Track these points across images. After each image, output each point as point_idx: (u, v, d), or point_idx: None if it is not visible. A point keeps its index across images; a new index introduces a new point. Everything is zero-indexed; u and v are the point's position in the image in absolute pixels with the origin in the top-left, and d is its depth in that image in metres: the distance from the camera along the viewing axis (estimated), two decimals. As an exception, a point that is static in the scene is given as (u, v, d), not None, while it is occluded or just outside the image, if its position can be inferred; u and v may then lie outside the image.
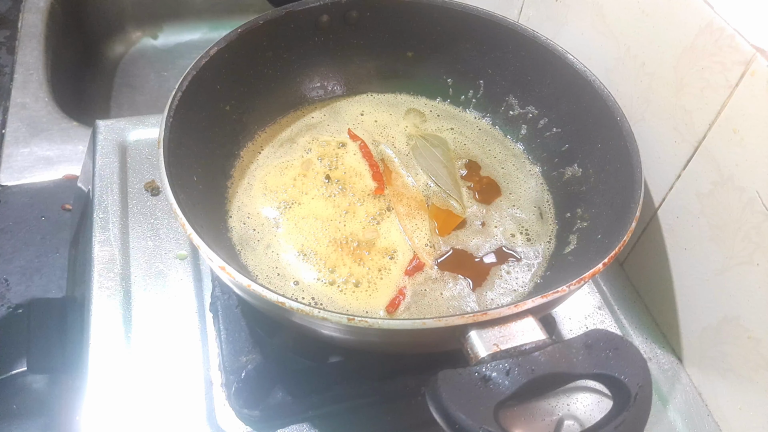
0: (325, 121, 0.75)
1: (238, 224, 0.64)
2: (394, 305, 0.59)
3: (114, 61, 1.43)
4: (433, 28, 0.74)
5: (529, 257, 0.64)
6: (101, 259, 0.67)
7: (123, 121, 0.82)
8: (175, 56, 1.46)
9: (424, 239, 0.64)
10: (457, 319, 0.42)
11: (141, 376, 0.59)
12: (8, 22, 1.27)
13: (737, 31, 0.52)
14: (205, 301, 0.65)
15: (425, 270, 0.62)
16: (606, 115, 0.62)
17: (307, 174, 0.69)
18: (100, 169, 0.76)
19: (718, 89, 0.54)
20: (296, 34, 0.71)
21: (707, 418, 0.61)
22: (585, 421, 0.59)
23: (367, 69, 0.77)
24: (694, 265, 0.61)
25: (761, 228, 0.52)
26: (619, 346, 0.42)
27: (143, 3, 1.45)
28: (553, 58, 0.68)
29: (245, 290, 0.45)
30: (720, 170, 0.56)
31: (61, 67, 1.23)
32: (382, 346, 0.50)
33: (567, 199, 0.67)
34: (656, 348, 0.66)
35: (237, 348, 0.58)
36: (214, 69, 0.63)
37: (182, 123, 0.57)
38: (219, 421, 0.56)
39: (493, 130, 0.76)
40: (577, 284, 0.47)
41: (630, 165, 0.58)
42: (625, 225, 0.52)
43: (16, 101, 1.08)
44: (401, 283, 0.60)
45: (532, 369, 0.40)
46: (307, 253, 0.62)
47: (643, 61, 0.63)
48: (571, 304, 0.69)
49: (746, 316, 0.56)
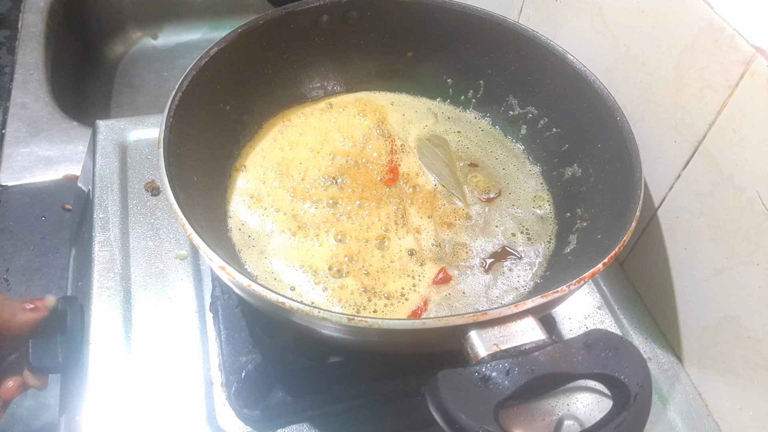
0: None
1: (237, 225, 0.64)
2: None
3: (114, 61, 1.43)
4: (433, 28, 0.74)
5: (530, 256, 0.64)
6: (101, 259, 0.67)
7: (123, 121, 0.82)
8: (175, 56, 1.46)
9: (431, 239, 0.64)
10: (457, 319, 0.43)
11: (141, 376, 0.59)
12: (8, 22, 1.27)
13: (737, 31, 0.52)
14: (205, 301, 0.65)
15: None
16: (606, 115, 0.62)
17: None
18: (100, 169, 0.76)
19: (718, 89, 0.54)
20: (296, 34, 0.71)
21: (707, 418, 0.61)
22: (585, 421, 0.59)
23: (367, 69, 0.77)
24: (694, 265, 0.61)
25: (761, 228, 0.52)
26: (619, 346, 0.42)
27: (143, 3, 1.45)
28: (553, 58, 0.68)
29: (245, 290, 0.45)
30: (720, 170, 0.56)
31: (61, 67, 1.23)
32: (382, 346, 0.50)
33: (567, 199, 0.67)
34: (656, 348, 0.66)
35: (237, 348, 0.58)
36: (214, 69, 0.63)
37: (182, 123, 0.57)
38: (219, 421, 0.56)
39: (493, 131, 0.76)
40: (577, 284, 0.47)
41: (630, 165, 0.58)
42: (625, 225, 0.52)
43: (16, 101, 1.08)
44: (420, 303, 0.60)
45: (532, 369, 0.40)
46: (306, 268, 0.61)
47: (643, 61, 0.63)
48: (571, 304, 0.69)
49: (746, 316, 0.56)
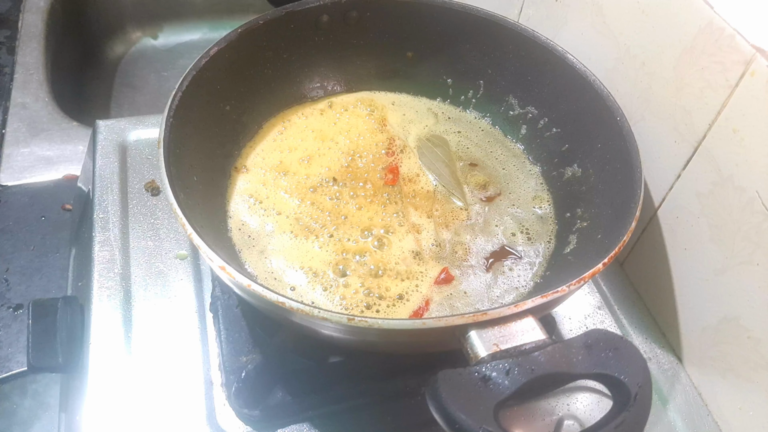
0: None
1: (237, 225, 0.64)
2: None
3: (114, 61, 1.43)
4: (433, 28, 0.74)
5: (530, 256, 0.64)
6: (101, 259, 0.67)
7: (123, 121, 0.82)
8: (175, 56, 1.46)
9: (431, 239, 0.64)
10: (457, 319, 0.43)
11: (141, 376, 0.59)
12: (8, 22, 1.27)
13: (737, 31, 0.52)
14: (205, 301, 0.65)
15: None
16: (606, 115, 0.62)
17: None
18: (100, 169, 0.76)
19: (718, 89, 0.54)
20: (296, 34, 0.71)
21: (707, 418, 0.61)
22: (585, 421, 0.59)
23: (367, 69, 0.77)
24: (694, 265, 0.61)
25: (761, 228, 0.52)
26: (619, 346, 0.42)
27: (143, 3, 1.45)
28: (553, 58, 0.68)
29: (245, 290, 0.45)
30: (720, 170, 0.56)
31: (61, 67, 1.23)
32: (382, 346, 0.50)
33: (567, 199, 0.67)
34: (656, 348, 0.66)
35: (237, 348, 0.58)
36: (214, 69, 0.63)
37: (182, 123, 0.57)
38: (219, 421, 0.56)
39: (493, 131, 0.76)
40: (577, 284, 0.47)
41: (630, 165, 0.58)
42: (625, 225, 0.52)
43: (16, 101, 1.08)
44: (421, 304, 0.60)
45: (532, 369, 0.40)
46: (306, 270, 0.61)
47: (643, 61, 0.63)
48: (571, 304, 0.69)
49: (746, 316, 0.56)
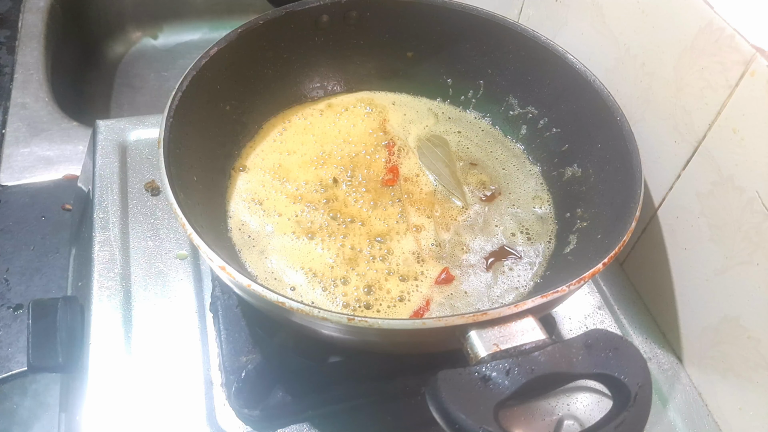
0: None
1: (237, 225, 0.64)
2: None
3: (114, 61, 1.43)
4: (433, 28, 0.73)
5: (530, 256, 0.64)
6: (101, 259, 0.67)
7: (123, 121, 0.82)
8: (175, 56, 1.46)
9: (431, 239, 0.64)
10: (457, 319, 0.43)
11: (141, 376, 0.59)
12: (8, 22, 1.27)
13: (737, 31, 0.52)
14: (205, 301, 0.65)
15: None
16: (606, 115, 0.62)
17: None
18: (100, 169, 0.76)
19: (718, 89, 0.54)
20: (296, 34, 0.71)
21: (707, 418, 0.61)
22: (585, 421, 0.59)
23: (367, 69, 0.77)
24: (694, 265, 0.61)
25: (761, 228, 0.52)
26: (619, 346, 0.42)
27: (143, 3, 1.45)
28: (553, 58, 0.68)
29: (245, 290, 0.45)
30: (720, 170, 0.56)
31: (61, 67, 1.23)
32: (382, 346, 0.50)
33: (567, 199, 0.67)
34: (656, 348, 0.66)
35: (237, 348, 0.58)
36: (214, 69, 0.63)
37: (182, 123, 0.57)
38: (219, 421, 0.56)
39: (493, 131, 0.76)
40: (577, 284, 0.47)
41: (630, 165, 0.58)
42: (625, 225, 0.52)
43: (16, 101, 1.08)
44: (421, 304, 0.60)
45: (532, 369, 0.40)
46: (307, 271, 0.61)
47: (643, 61, 0.63)
48: (571, 304, 0.69)
49: (746, 316, 0.56)
